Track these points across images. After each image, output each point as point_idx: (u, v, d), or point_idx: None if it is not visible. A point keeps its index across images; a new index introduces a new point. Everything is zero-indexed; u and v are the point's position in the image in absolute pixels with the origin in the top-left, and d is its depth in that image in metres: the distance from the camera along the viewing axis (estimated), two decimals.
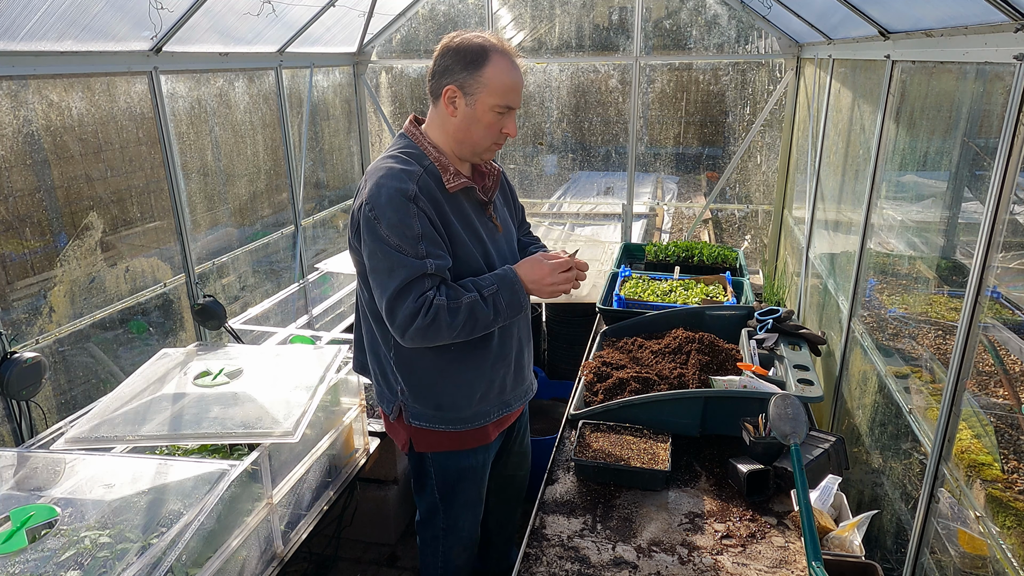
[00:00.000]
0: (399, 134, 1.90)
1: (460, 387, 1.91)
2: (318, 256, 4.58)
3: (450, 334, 1.73)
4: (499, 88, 1.74)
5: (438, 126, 1.83)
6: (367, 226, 1.71)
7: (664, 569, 1.65)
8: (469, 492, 2.11)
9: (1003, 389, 1.73)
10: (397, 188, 1.69)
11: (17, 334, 2.46)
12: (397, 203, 1.68)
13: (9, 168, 2.45)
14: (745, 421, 1.97)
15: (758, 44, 4.29)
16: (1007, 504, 1.56)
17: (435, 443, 1.99)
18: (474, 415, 1.96)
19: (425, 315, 1.69)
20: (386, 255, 1.69)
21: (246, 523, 1.85)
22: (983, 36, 1.71)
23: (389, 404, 1.98)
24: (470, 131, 1.79)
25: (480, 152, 1.85)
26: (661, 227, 5.19)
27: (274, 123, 4.04)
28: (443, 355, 1.87)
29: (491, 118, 1.77)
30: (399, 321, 1.71)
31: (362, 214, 1.72)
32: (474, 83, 1.73)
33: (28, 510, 1.52)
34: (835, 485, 1.88)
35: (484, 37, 1.76)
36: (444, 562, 2.22)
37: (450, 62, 1.74)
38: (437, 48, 1.79)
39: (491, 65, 1.72)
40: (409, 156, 1.80)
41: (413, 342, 1.76)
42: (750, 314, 2.74)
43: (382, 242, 1.69)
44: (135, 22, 2.74)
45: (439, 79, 1.77)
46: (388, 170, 1.74)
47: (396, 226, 1.68)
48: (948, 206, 2.11)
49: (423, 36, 4.75)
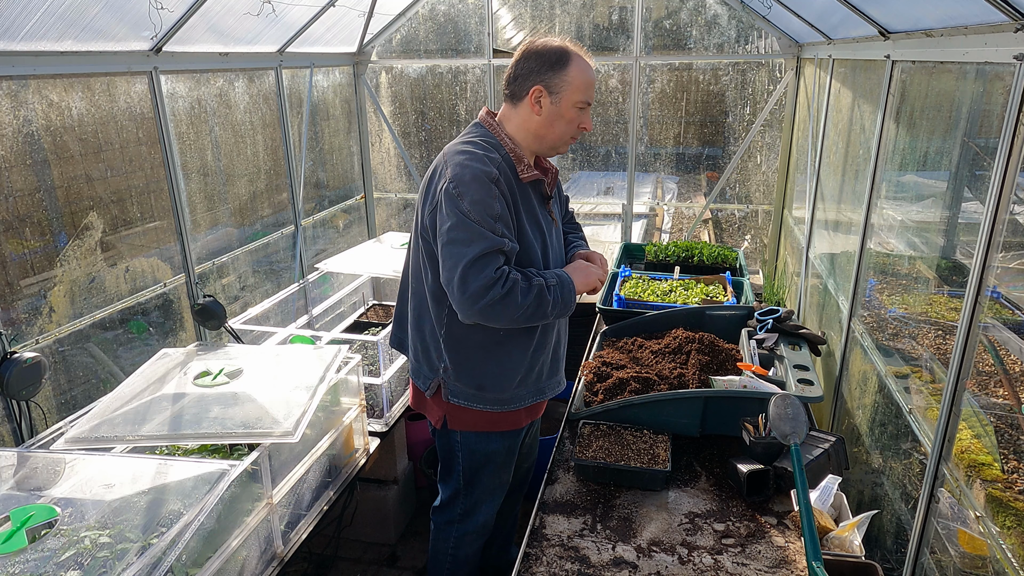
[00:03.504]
0: (474, 123, 2.00)
1: (503, 368, 1.99)
2: (318, 256, 4.58)
3: (514, 313, 1.80)
4: (581, 85, 1.88)
5: (517, 123, 1.95)
6: (449, 201, 1.78)
7: (664, 569, 1.65)
8: (492, 478, 2.18)
9: (1003, 389, 1.73)
10: (481, 169, 1.80)
11: (17, 334, 2.46)
12: (481, 182, 1.78)
13: (9, 168, 2.45)
14: (745, 421, 1.97)
15: (758, 44, 4.29)
16: (1007, 504, 1.56)
17: (470, 422, 2.05)
18: (511, 397, 2.03)
19: (501, 287, 1.77)
20: (467, 227, 1.77)
21: (246, 523, 1.85)
22: (983, 36, 1.71)
23: (427, 380, 2.05)
24: (553, 127, 1.92)
25: (558, 146, 1.98)
26: (661, 227, 5.19)
27: (274, 123, 4.04)
28: (492, 336, 1.95)
29: (573, 114, 1.91)
30: (472, 290, 1.75)
31: (445, 191, 1.80)
32: (559, 82, 1.87)
33: (28, 510, 1.52)
34: (835, 485, 1.88)
35: (560, 40, 1.91)
36: (455, 547, 2.27)
37: (534, 64, 1.88)
38: (517, 53, 1.92)
39: (573, 65, 1.87)
40: (488, 144, 1.90)
41: (478, 315, 1.80)
42: (750, 314, 2.74)
43: (464, 215, 1.77)
44: (135, 22, 2.74)
45: (523, 81, 1.90)
46: (471, 154, 1.84)
47: (478, 203, 1.77)
48: (948, 206, 2.11)
49: (423, 36, 4.75)
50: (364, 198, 5.24)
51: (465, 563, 2.30)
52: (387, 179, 5.28)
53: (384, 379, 2.73)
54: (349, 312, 3.76)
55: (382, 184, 5.29)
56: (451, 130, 4.97)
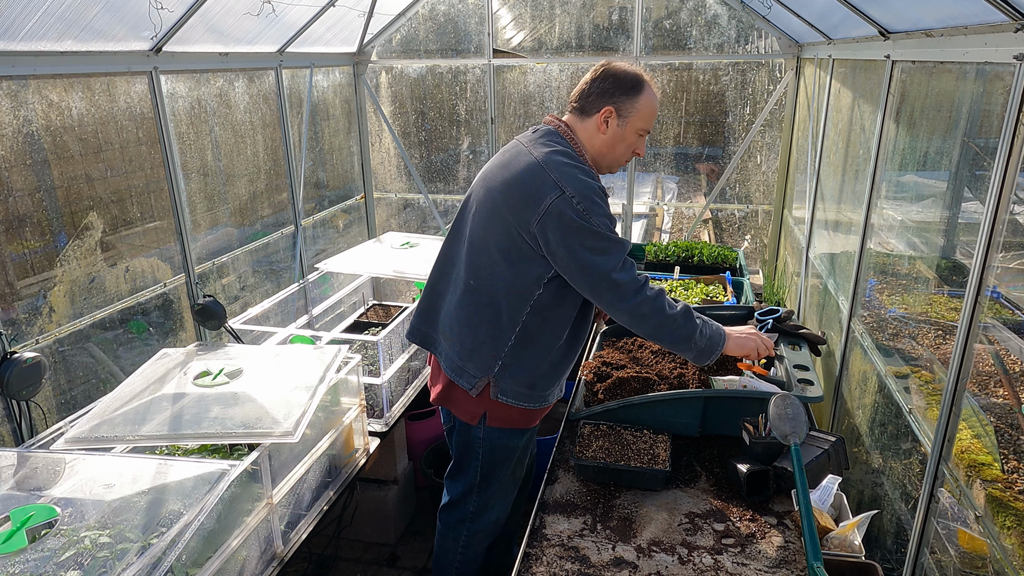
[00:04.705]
0: (547, 130, 2.00)
1: (553, 367, 2.05)
2: (318, 256, 4.58)
3: (659, 318, 1.90)
4: (647, 114, 1.96)
5: (583, 138, 1.99)
6: (578, 216, 1.82)
7: (664, 569, 1.65)
8: (510, 474, 2.20)
9: (1003, 389, 1.73)
10: (598, 185, 1.89)
11: (17, 334, 2.46)
12: (601, 196, 1.88)
13: (9, 168, 2.45)
14: (745, 421, 1.97)
15: (758, 44, 4.29)
16: (1007, 504, 1.56)
17: (507, 419, 2.08)
18: (550, 395, 2.11)
19: (649, 290, 1.89)
20: (603, 239, 1.85)
21: (246, 523, 1.85)
22: (983, 36, 1.71)
23: (472, 379, 2.03)
24: (614, 148, 1.98)
25: (613, 166, 2.05)
26: (661, 227, 5.19)
27: (274, 123, 4.04)
28: (557, 337, 2.02)
29: (633, 139, 1.98)
30: (627, 289, 1.86)
31: (570, 205, 1.82)
32: (629, 107, 1.93)
33: (28, 510, 1.52)
34: (835, 485, 1.88)
35: (635, 68, 1.97)
36: (465, 547, 2.27)
37: (610, 85, 1.93)
38: (594, 70, 1.98)
39: (645, 94, 1.94)
40: (576, 155, 1.95)
41: (628, 314, 1.90)
42: (750, 314, 2.74)
43: (596, 229, 1.83)
44: (135, 22, 2.74)
45: (598, 98, 1.95)
46: (579, 168, 1.90)
47: (604, 216, 1.86)
48: (948, 206, 2.11)
49: (423, 36, 4.75)
50: (364, 198, 5.24)
51: (473, 561, 2.30)
52: (387, 179, 5.28)
53: (384, 379, 2.73)
54: (349, 312, 3.75)
55: (382, 184, 5.29)
56: (451, 130, 4.98)
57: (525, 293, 1.94)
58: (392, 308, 3.86)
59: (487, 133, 4.84)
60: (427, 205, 5.21)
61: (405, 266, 3.35)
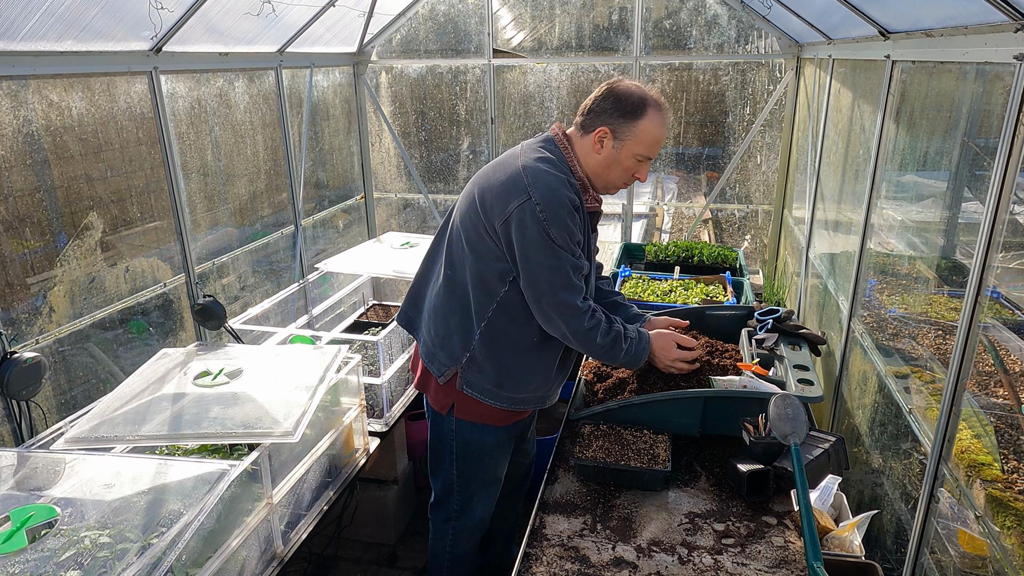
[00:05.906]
0: (546, 137, 2.00)
1: (524, 373, 2.04)
2: (318, 256, 4.58)
3: (590, 347, 1.96)
4: (647, 140, 1.89)
5: (581, 154, 1.97)
6: (535, 224, 1.81)
7: (664, 569, 1.65)
8: (487, 471, 2.20)
9: (1003, 389, 1.73)
10: (567, 196, 1.84)
11: (17, 334, 2.46)
12: (568, 210, 1.83)
13: (9, 168, 2.45)
14: (745, 421, 1.97)
15: (758, 44, 4.29)
16: (1007, 504, 1.56)
17: (476, 414, 2.08)
18: (521, 400, 2.08)
19: (588, 319, 1.90)
20: (554, 253, 1.84)
21: (246, 523, 1.85)
22: (983, 36, 1.71)
23: (442, 367, 2.06)
24: (608, 170, 1.95)
25: (608, 188, 2.01)
26: (661, 227, 5.19)
27: (274, 123, 4.04)
28: (528, 340, 2.00)
29: (630, 163, 1.93)
30: (562, 313, 1.88)
31: (530, 212, 1.81)
32: (626, 130, 1.88)
33: (28, 510, 1.52)
34: (835, 485, 1.88)
35: (644, 89, 1.90)
36: (453, 544, 2.28)
37: (609, 106, 1.89)
38: (600, 88, 1.93)
39: (646, 118, 1.87)
40: (563, 165, 1.93)
41: (560, 335, 1.93)
42: (750, 314, 2.74)
43: (551, 241, 1.82)
44: (135, 22, 2.74)
45: (595, 117, 1.91)
46: (556, 176, 1.86)
47: (564, 230, 1.83)
48: (948, 206, 2.11)
49: (423, 36, 4.75)
50: (364, 198, 5.25)
51: (463, 559, 2.31)
52: (387, 179, 5.28)
53: (384, 379, 2.73)
54: (349, 312, 3.75)
55: (382, 184, 5.29)
56: (451, 130, 4.98)
57: (490, 288, 1.95)
58: (392, 308, 3.86)
59: (487, 133, 4.84)
60: (427, 205, 5.21)
61: (405, 266, 3.35)
